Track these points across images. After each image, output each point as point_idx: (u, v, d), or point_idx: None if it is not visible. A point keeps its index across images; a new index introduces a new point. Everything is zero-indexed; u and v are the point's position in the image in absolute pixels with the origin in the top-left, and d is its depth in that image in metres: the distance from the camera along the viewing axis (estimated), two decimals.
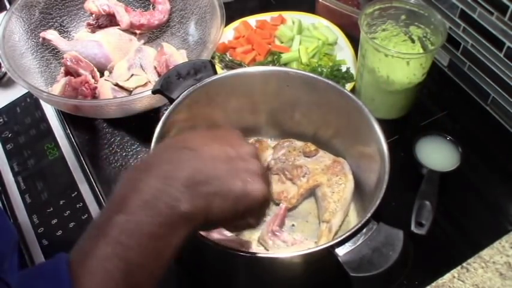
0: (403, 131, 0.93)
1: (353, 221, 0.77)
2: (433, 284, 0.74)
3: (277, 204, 0.78)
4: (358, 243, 0.56)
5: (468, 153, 0.85)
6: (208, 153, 0.51)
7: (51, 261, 0.45)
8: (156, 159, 0.51)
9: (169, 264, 0.48)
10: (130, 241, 0.44)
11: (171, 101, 0.73)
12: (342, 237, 0.57)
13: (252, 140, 0.86)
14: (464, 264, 0.76)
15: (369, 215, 0.59)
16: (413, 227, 0.76)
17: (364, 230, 0.57)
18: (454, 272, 0.75)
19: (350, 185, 0.77)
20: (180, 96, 0.73)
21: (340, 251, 0.56)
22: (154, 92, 0.75)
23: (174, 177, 0.48)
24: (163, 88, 0.74)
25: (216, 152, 0.52)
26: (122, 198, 0.47)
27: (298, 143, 0.83)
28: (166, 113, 0.71)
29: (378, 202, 0.61)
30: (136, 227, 0.45)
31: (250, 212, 0.53)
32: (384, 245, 0.56)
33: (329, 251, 0.57)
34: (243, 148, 0.54)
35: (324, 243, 0.62)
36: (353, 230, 0.57)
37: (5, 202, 0.88)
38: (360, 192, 0.78)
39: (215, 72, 0.77)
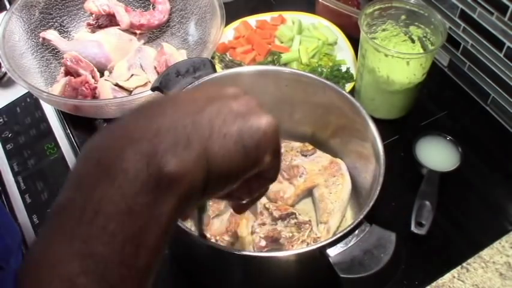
0: (403, 131, 0.93)
1: (350, 222, 0.77)
2: (433, 284, 0.74)
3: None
4: (349, 245, 0.56)
5: (468, 153, 0.85)
6: (186, 98, 0.41)
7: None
8: (123, 120, 0.39)
9: (161, 257, 0.36)
10: (92, 229, 0.33)
11: None
12: (333, 238, 0.57)
13: None
14: (464, 264, 0.76)
15: (361, 216, 0.59)
16: (413, 227, 0.76)
17: (357, 232, 0.57)
18: (454, 272, 0.75)
19: (347, 185, 0.77)
20: None
21: (332, 252, 0.56)
22: (153, 89, 0.76)
23: (145, 130, 0.36)
24: (162, 85, 0.74)
25: (196, 95, 0.41)
26: (78, 174, 0.36)
27: (296, 144, 0.83)
28: None
29: (371, 204, 0.61)
30: (97, 206, 0.33)
31: (265, 150, 0.41)
32: (375, 247, 0.55)
33: (320, 252, 0.57)
34: (228, 89, 0.43)
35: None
36: (345, 231, 0.57)
37: (5, 202, 0.88)
38: (357, 193, 0.78)
39: (214, 71, 0.77)
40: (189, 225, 0.71)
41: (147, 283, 0.36)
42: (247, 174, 0.42)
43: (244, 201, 0.50)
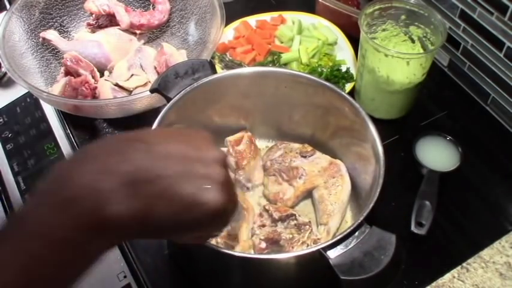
0: (403, 131, 0.93)
1: (350, 223, 0.77)
2: (433, 284, 0.74)
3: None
4: (350, 246, 0.56)
5: (468, 153, 0.85)
6: (162, 150, 0.43)
7: None
8: (97, 150, 0.43)
9: (82, 276, 0.41)
10: (33, 247, 0.37)
11: (169, 100, 0.73)
12: (333, 240, 0.57)
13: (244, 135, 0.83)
14: (464, 264, 0.76)
15: (361, 218, 0.59)
16: (413, 227, 0.76)
17: (357, 233, 0.57)
18: (454, 272, 0.75)
19: (347, 186, 0.77)
20: (177, 96, 0.73)
21: (332, 254, 0.56)
22: (152, 91, 0.75)
23: (110, 172, 0.40)
24: (161, 87, 0.74)
25: (173, 150, 0.43)
26: (40, 195, 0.40)
27: (295, 145, 0.83)
28: (162, 112, 0.71)
29: (371, 205, 0.61)
30: (45, 230, 0.37)
31: (200, 225, 0.44)
32: (375, 249, 0.55)
33: (320, 253, 0.56)
34: (208, 152, 0.45)
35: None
36: (345, 233, 0.57)
37: (5, 202, 0.88)
38: (356, 194, 0.78)
39: (214, 72, 0.77)
40: None
41: None
42: (181, 235, 0.47)
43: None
